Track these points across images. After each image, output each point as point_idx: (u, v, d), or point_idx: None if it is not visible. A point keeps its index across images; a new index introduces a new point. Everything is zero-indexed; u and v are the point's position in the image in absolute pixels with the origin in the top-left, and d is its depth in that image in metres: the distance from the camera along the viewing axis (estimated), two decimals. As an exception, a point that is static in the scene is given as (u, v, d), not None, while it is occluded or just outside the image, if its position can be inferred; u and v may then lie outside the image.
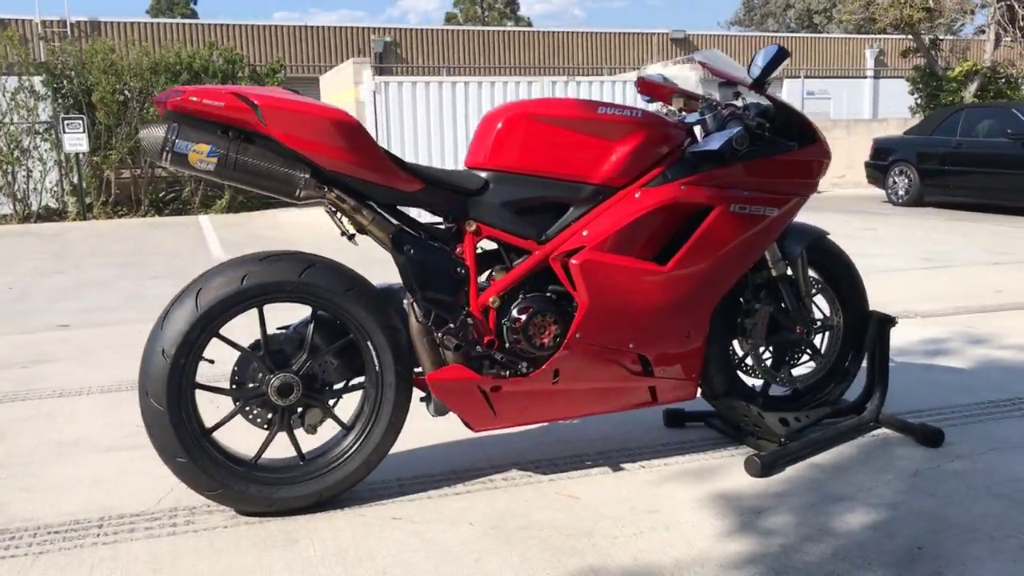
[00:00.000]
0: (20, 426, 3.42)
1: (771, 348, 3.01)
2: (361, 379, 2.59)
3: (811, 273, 3.05)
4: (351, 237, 2.55)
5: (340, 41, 23.42)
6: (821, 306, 3.13)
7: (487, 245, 2.66)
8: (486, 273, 2.66)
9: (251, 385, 2.47)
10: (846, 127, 18.87)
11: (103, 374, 4.25)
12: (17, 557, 2.29)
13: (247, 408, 2.48)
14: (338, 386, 2.59)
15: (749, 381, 3.08)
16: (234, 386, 2.48)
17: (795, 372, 3.11)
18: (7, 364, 4.52)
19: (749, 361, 2.99)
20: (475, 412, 2.59)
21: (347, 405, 2.63)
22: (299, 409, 2.52)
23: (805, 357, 3.07)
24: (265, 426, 2.50)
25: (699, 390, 2.88)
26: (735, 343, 3.00)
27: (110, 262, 8.44)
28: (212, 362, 2.49)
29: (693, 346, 2.76)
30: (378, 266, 3.37)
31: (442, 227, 2.66)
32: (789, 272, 2.94)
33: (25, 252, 9.64)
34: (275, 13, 79.07)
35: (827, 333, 3.11)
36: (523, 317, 2.55)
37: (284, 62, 16.07)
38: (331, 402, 2.59)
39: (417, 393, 2.62)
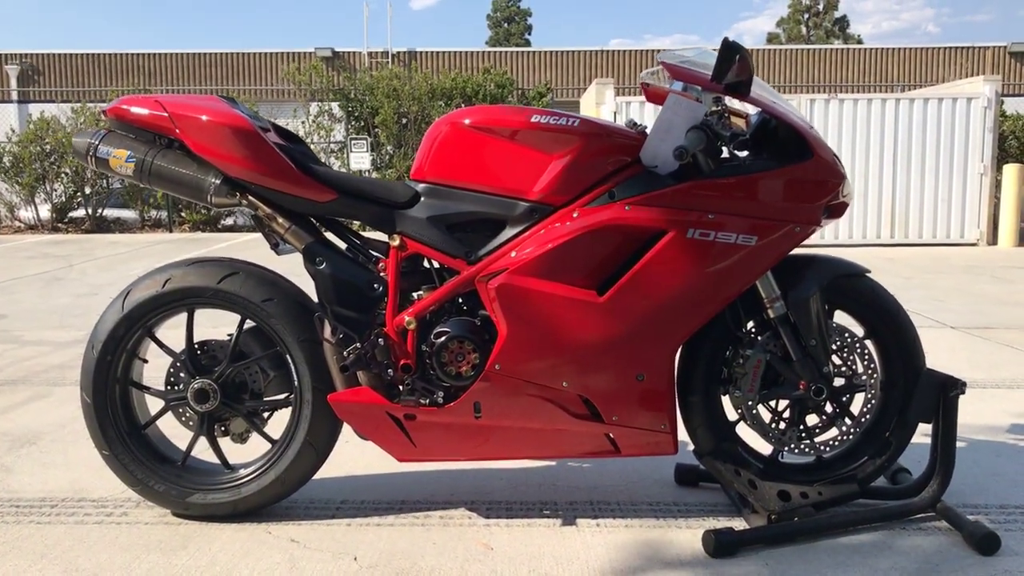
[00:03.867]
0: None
1: (776, 406, 2.50)
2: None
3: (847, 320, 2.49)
4: (275, 247, 2.51)
5: (632, 65, 23.55)
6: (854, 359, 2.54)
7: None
8: (417, 293, 2.48)
9: (178, 388, 2.51)
10: None
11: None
12: (-36, 523, 2.53)
13: (180, 410, 2.53)
14: (273, 398, 2.55)
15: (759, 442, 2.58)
16: (167, 387, 2.54)
17: (819, 437, 2.55)
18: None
19: (746, 418, 2.50)
20: (390, 441, 2.42)
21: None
22: (230, 417, 2.53)
23: (822, 419, 2.50)
24: (192, 427, 2.54)
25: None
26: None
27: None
28: (146, 361, 2.58)
29: (655, 392, 2.36)
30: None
31: (382, 242, 2.53)
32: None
33: (279, 260, 10.77)
34: (611, 40, 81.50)
35: (860, 393, 2.51)
36: (439, 341, 2.35)
37: (552, 85, 16.44)
38: (264, 414, 2.56)
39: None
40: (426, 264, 2.48)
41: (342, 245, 2.51)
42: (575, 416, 2.38)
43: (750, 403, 2.44)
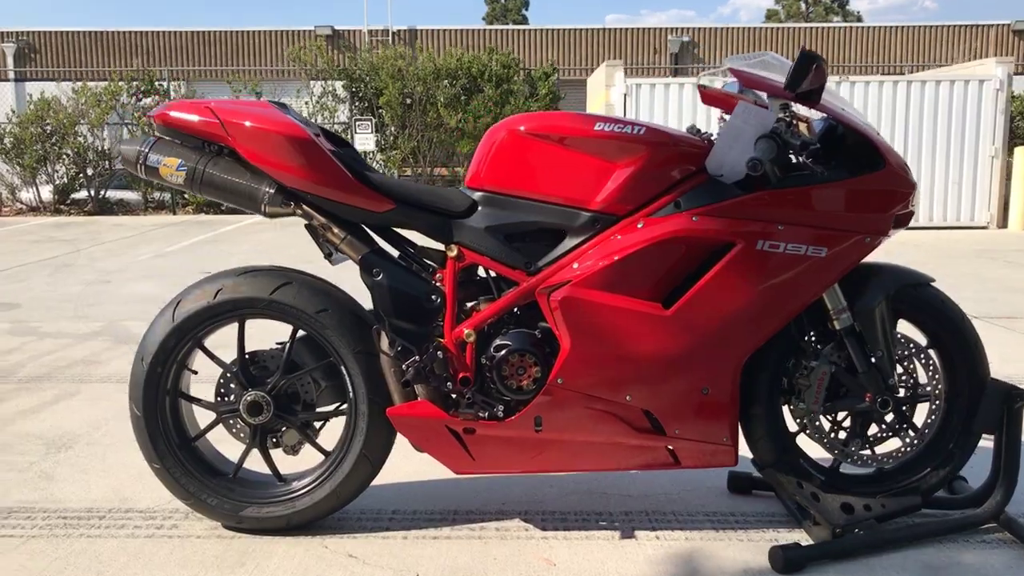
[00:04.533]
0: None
1: (837, 417, 2.46)
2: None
3: (911, 329, 2.45)
4: (328, 256, 2.45)
5: (637, 42, 23.34)
6: (918, 370, 2.50)
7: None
8: (474, 304, 2.43)
9: (229, 400, 2.46)
10: None
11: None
12: (13, 537, 2.48)
13: (231, 421, 2.48)
14: (325, 409, 2.51)
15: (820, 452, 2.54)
16: (218, 398, 2.49)
17: (881, 448, 2.51)
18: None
19: (809, 429, 2.46)
20: (448, 454, 2.38)
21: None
22: (283, 428, 2.48)
23: (885, 431, 2.47)
24: (246, 441, 2.49)
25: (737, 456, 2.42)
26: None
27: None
28: (195, 372, 2.53)
29: (719, 405, 2.32)
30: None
31: (435, 250, 2.47)
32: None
33: (296, 240, 10.68)
34: (607, 16, 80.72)
35: (923, 403, 2.47)
36: (499, 355, 2.30)
37: (565, 66, 16.29)
38: (316, 424, 2.52)
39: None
40: (481, 273, 2.43)
41: (393, 252, 2.46)
42: (637, 430, 2.34)
43: (814, 416, 2.40)
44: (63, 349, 4.95)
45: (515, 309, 2.35)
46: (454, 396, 2.35)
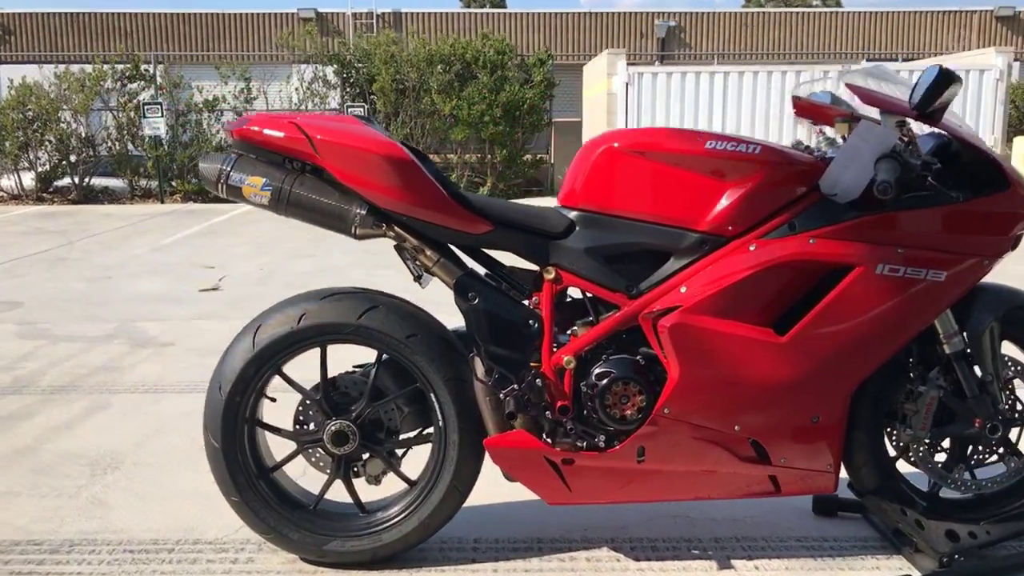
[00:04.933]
0: (178, 423, 3.60)
1: (941, 441, 2.39)
2: (431, 431, 2.39)
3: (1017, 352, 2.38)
4: (418, 279, 2.33)
5: (623, 27, 23.21)
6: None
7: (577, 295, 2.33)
8: (570, 328, 2.33)
9: (310, 429, 2.35)
10: None
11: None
12: (82, 575, 2.35)
13: (309, 451, 2.37)
14: (407, 436, 2.40)
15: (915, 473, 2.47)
16: (297, 427, 2.37)
17: (982, 472, 2.44)
18: (213, 351, 4.84)
19: (911, 455, 2.39)
20: (544, 485, 2.28)
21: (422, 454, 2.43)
22: (366, 457, 2.37)
23: (989, 455, 2.40)
24: (327, 471, 2.38)
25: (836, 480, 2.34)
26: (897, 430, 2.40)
27: (355, 248, 8.93)
28: (273, 400, 2.40)
29: (827, 432, 2.24)
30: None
31: (525, 271, 2.36)
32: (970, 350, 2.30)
33: (293, 231, 10.49)
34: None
35: (1027, 428, 2.41)
36: (602, 383, 2.20)
37: (558, 52, 16.14)
38: (399, 452, 2.41)
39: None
40: (573, 293, 2.32)
41: (477, 269, 2.35)
42: (741, 459, 2.26)
43: (920, 441, 2.33)
44: (80, 354, 4.78)
45: (617, 335, 2.25)
46: (552, 425, 2.25)
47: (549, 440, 2.25)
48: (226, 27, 22.38)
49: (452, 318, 2.41)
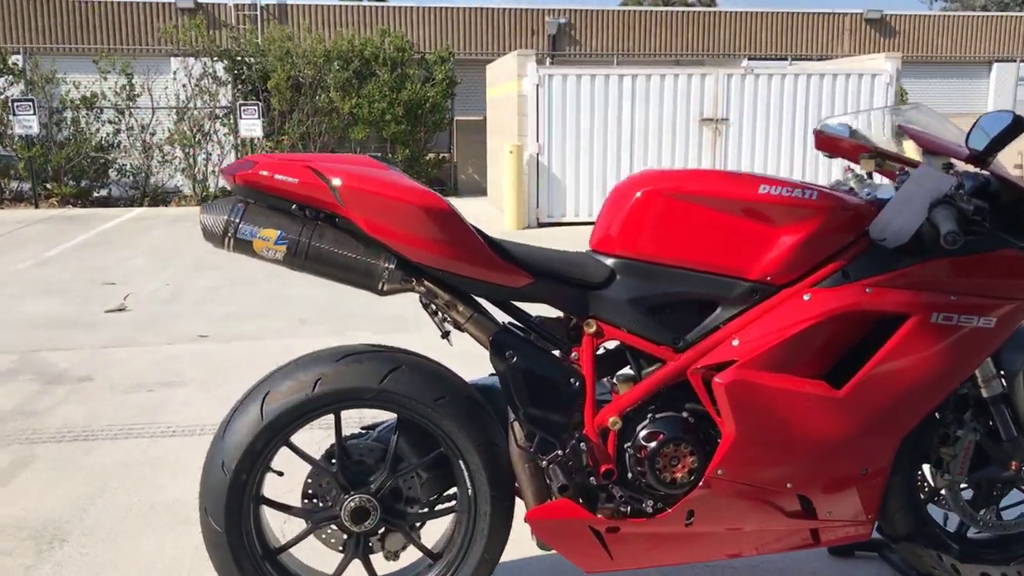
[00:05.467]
0: (122, 478, 3.25)
1: (975, 485, 2.36)
2: (452, 494, 2.18)
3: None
4: (446, 335, 2.12)
5: (514, 23, 23.11)
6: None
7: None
8: (606, 382, 2.17)
9: (324, 504, 2.10)
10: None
11: (223, 407, 4.07)
12: None
13: (319, 528, 2.12)
14: (428, 504, 2.18)
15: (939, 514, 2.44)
16: (306, 501, 2.12)
17: (1008, 514, 2.43)
18: (138, 385, 4.45)
19: (943, 495, 2.34)
20: (586, 555, 2.12)
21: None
22: (384, 531, 2.14)
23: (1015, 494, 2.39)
24: (340, 549, 2.14)
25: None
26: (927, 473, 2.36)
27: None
28: (280, 474, 2.15)
29: (874, 484, 2.16)
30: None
31: (557, 321, 2.19)
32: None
33: (193, 239, 9.92)
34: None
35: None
36: (651, 445, 2.05)
37: (453, 49, 15.89)
38: (417, 524, 2.19)
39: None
40: (607, 344, 2.16)
41: (497, 314, 2.16)
42: (788, 515, 2.15)
43: (957, 487, 2.28)
44: (-15, 394, 4.30)
45: (662, 391, 2.10)
46: (596, 491, 2.09)
47: (591, 507, 2.09)
48: (96, 16, 21.01)
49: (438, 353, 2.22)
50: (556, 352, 2.12)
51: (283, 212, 1.96)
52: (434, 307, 2.06)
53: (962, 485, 2.33)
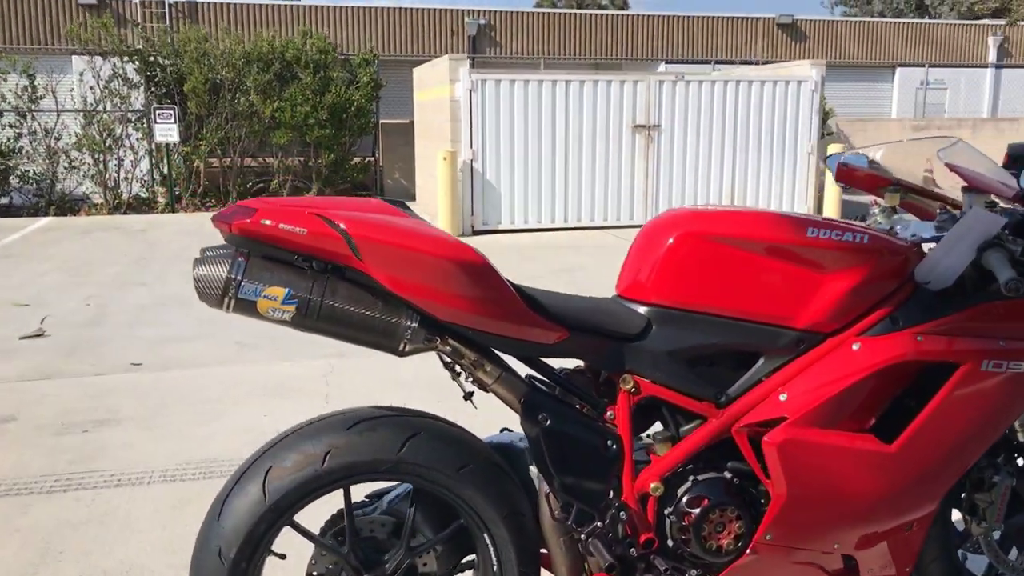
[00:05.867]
0: (65, 540, 2.92)
1: (1006, 530, 2.28)
2: (468, 562, 1.98)
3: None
4: (469, 396, 1.92)
5: (434, 24, 22.82)
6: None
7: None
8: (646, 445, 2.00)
9: (332, 589, 1.87)
10: (972, 127, 17.45)
11: (167, 448, 3.76)
12: None
13: (327, 613, 1.89)
14: (442, 577, 1.97)
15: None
16: (310, 585, 1.88)
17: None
18: (70, 425, 4.08)
19: (971, 544, 2.26)
20: (623, 629, 1.94)
21: None
22: (393, 610, 1.92)
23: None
24: (352, 640, 1.91)
25: None
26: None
27: (189, 270, 8.04)
28: (283, 557, 1.90)
29: (917, 539, 2.05)
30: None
31: (583, 374, 2.01)
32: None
33: (109, 252, 9.37)
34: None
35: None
36: (695, 511, 1.89)
37: (377, 51, 15.53)
38: (433, 599, 1.98)
39: None
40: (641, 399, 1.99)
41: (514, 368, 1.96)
42: (828, 574, 2.02)
43: (992, 533, 2.20)
44: None
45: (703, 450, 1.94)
46: (635, 563, 1.91)
47: (632, 579, 1.91)
48: (-8, 12, 19.85)
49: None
50: (583, 408, 1.93)
51: (285, 264, 1.72)
52: (458, 367, 1.85)
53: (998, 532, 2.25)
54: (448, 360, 1.85)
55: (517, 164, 10.68)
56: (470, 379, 1.87)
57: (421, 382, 4.60)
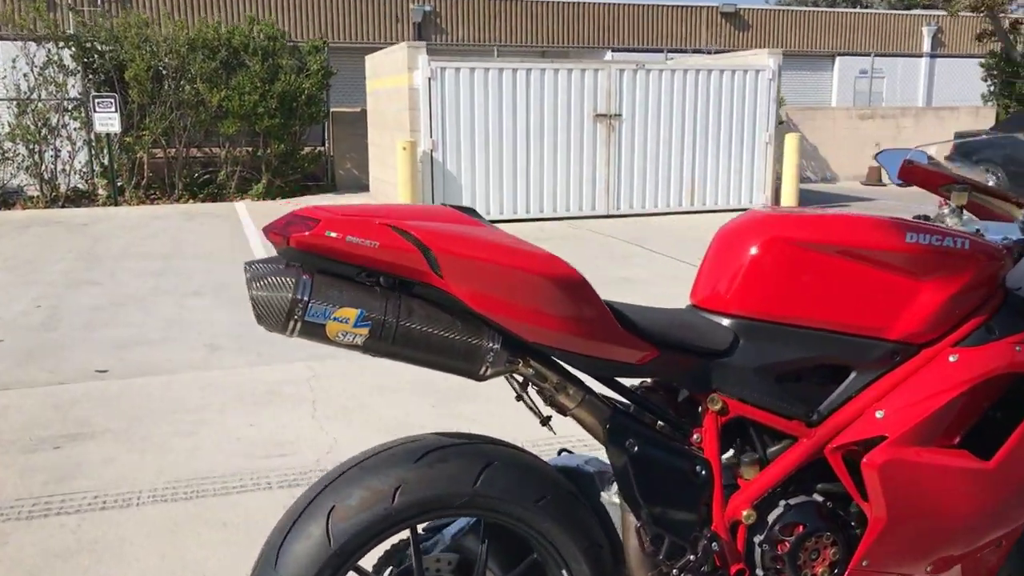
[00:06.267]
0: (59, 572, 2.67)
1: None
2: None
3: None
4: (547, 421, 1.75)
5: (378, 10, 22.38)
6: None
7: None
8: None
9: (399, 637, 1.69)
10: (914, 115, 17.78)
11: (153, 464, 3.50)
12: None
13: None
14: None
15: None
16: (373, 634, 1.70)
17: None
18: (39, 441, 3.79)
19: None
20: (710, 666, 1.80)
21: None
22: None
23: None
24: None
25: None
26: None
27: (146, 268, 7.66)
28: (342, 604, 1.71)
29: (1002, 552, 1.95)
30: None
31: (660, 393, 1.86)
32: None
33: (53, 248, 8.91)
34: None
35: None
36: (789, 539, 1.75)
37: (327, 38, 15.13)
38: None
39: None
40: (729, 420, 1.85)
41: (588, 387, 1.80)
42: (916, 596, 1.91)
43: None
44: None
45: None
46: (724, 594, 1.77)
47: (719, 612, 1.77)
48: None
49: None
50: (666, 431, 1.78)
51: (352, 281, 1.52)
52: (538, 390, 1.68)
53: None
54: (521, 382, 1.68)
55: (478, 154, 10.48)
56: (549, 402, 1.70)
57: (409, 387, 4.40)
